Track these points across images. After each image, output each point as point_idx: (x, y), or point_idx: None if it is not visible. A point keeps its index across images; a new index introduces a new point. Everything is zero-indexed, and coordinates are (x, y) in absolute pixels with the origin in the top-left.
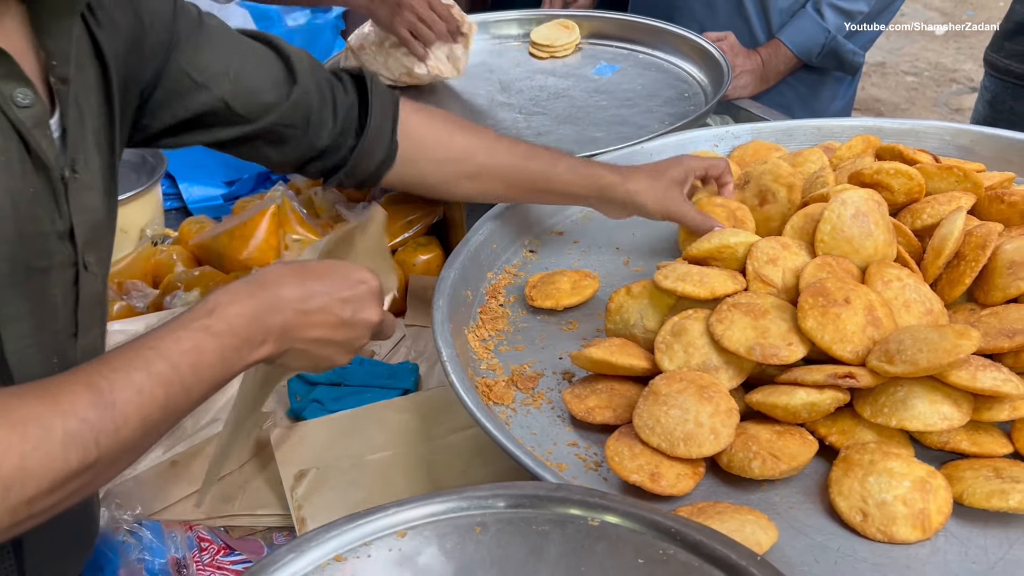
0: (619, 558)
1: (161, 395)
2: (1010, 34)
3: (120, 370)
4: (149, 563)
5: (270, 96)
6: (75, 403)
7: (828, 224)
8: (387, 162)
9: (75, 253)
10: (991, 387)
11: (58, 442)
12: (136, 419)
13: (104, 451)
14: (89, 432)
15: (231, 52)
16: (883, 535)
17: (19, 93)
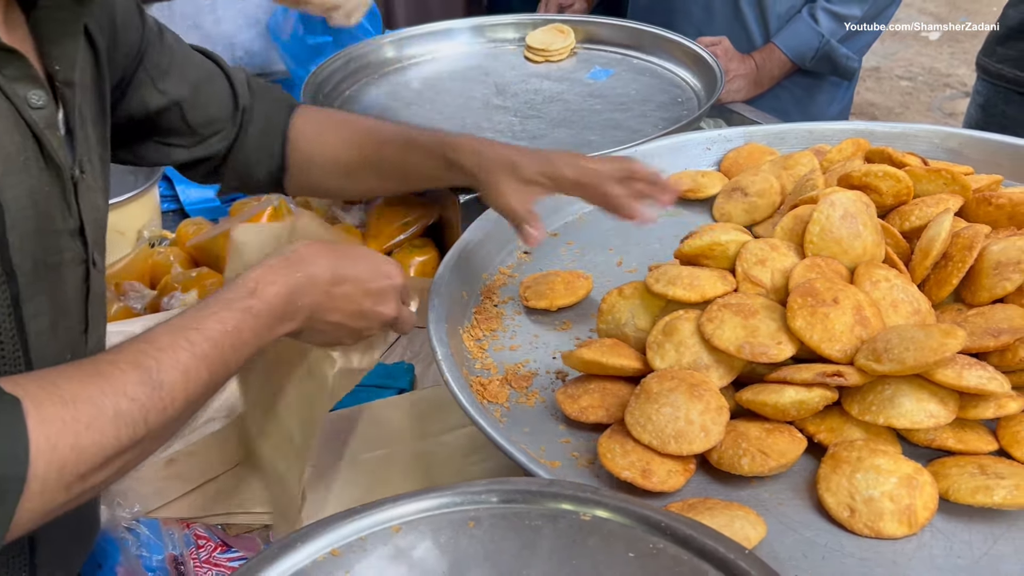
0: (610, 552)
1: (205, 374)
2: (1002, 39)
3: (167, 350)
4: (147, 559)
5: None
6: (125, 383)
7: (817, 225)
8: (277, 174)
9: (85, 251)
10: (976, 385)
11: (110, 420)
12: (182, 398)
13: (152, 428)
14: (139, 411)
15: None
16: (870, 530)
17: (33, 95)
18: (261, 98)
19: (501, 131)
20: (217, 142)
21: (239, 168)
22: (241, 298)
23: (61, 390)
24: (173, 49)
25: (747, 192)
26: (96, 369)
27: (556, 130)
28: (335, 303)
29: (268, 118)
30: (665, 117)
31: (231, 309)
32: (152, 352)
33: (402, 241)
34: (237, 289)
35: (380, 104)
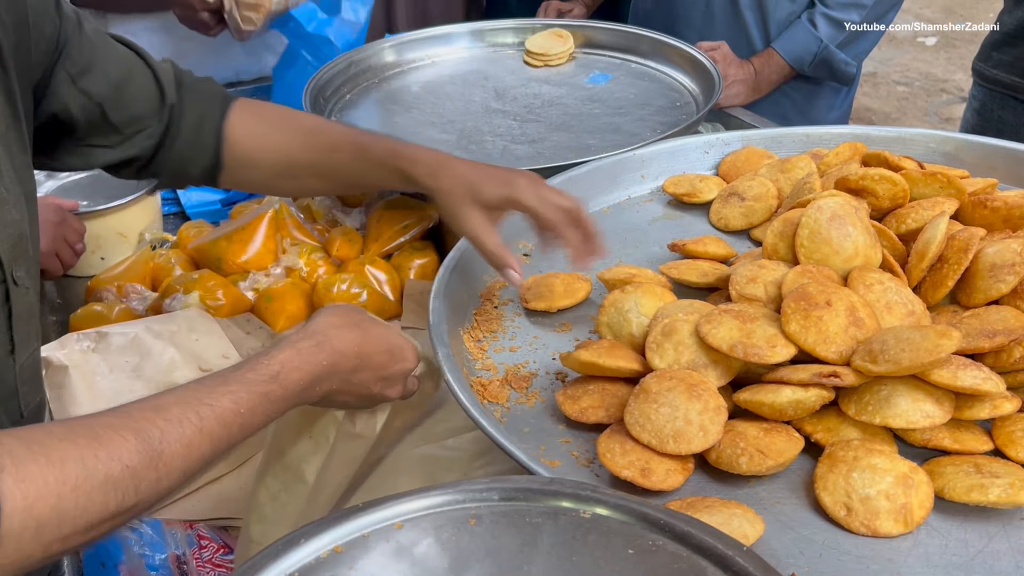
0: (610, 549)
1: (208, 450)
2: (997, 44)
3: (173, 422)
4: (150, 558)
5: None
6: (121, 448)
7: (806, 229)
8: (212, 170)
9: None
10: (972, 386)
11: (98, 485)
12: (179, 470)
13: (143, 497)
14: (131, 479)
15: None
16: (866, 529)
17: None
18: (192, 92)
19: (501, 134)
20: (143, 140)
21: (171, 165)
22: (263, 381)
23: (48, 449)
24: (94, 43)
25: (744, 196)
26: (93, 432)
27: (555, 134)
28: (350, 387)
29: (201, 113)
30: (663, 121)
31: (250, 391)
32: (158, 422)
33: (403, 243)
34: (260, 369)
35: (381, 108)
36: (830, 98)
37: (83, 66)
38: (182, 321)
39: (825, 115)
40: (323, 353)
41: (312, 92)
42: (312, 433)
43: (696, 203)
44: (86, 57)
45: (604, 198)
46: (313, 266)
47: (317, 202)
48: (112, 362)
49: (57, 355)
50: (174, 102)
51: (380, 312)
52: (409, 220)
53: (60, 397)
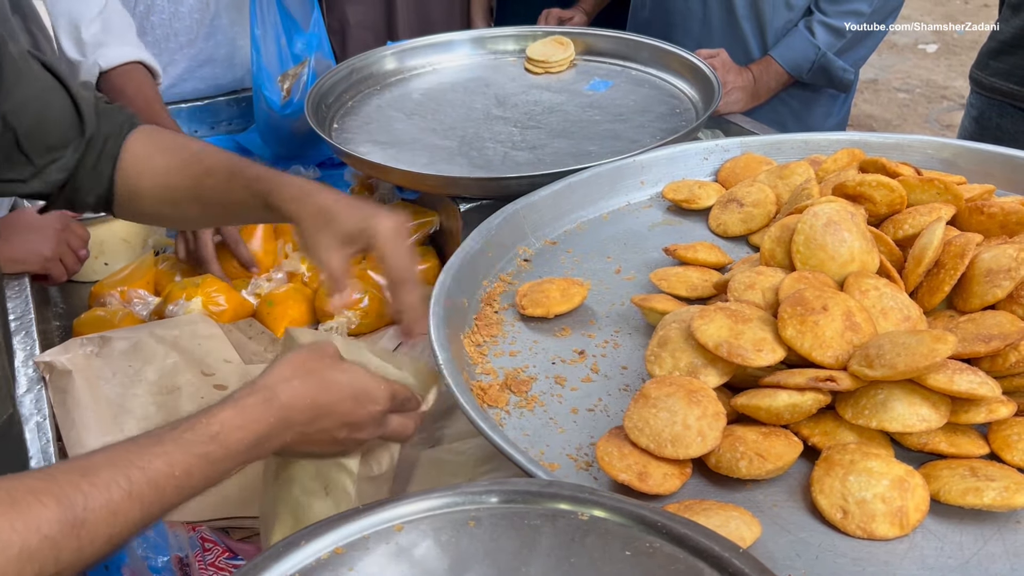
0: (608, 551)
1: (136, 515)
2: (994, 53)
3: (99, 486)
4: (152, 561)
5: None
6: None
7: (802, 235)
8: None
9: None
10: (967, 390)
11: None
12: (103, 538)
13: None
14: (50, 550)
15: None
16: (863, 532)
17: None
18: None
19: (501, 141)
20: (55, 173)
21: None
22: (201, 442)
23: None
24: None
25: (743, 202)
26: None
27: (555, 140)
28: (309, 439)
29: (106, 141)
30: (663, 128)
31: (186, 453)
32: (83, 486)
33: None
34: (198, 429)
35: (382, 115)
36: (828, 105)
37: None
38: (185, 326)
39: (823, 122)
40: (270, 409)
41: (314, 99)
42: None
43: (695, 209)
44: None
45: (604, 204)
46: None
47: None
48: (115, 367)
49: (60, 360)
50: (93, 132)
51: (381, 317)
52: (410, 226)
53: (64, 402)
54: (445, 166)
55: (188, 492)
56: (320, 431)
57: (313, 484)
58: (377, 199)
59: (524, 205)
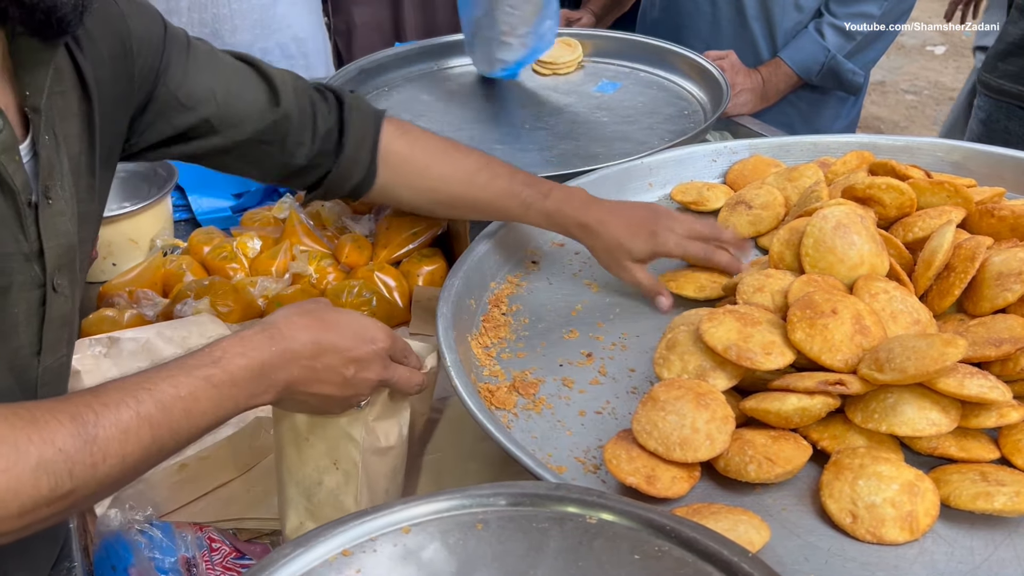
0: (616, 554)
1: (147, 436)
2: (1003, 55)
3: (111, 405)
4: (159, 562)
5: (253, 117)
6: (55, 431)
7: (811, 238)
8: (364, 184)
9: (43, 275)
10: (978, 394)
11: (30, 468)
12: (116, 456)
13: (79, 483)
14: (64, 463)
15: (218, 74)
16: (872, 536)
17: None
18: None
19: (508, 143)
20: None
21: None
22: (203, 365)
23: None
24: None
25: (751, 204)
26: (31, 415)
27: (563, 142)
28: (316, 375)
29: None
30: (671, 130)
31: (189, 375)
32: (96, 406)
33: (411, 250)
34: (201, 356)
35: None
36: (836, 108)
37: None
38: (193, 327)
39: (831, 125)
40: (272, 340)
41: None
42: (338, 463)
43: (703, 211)
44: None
45: None
46: (322, 273)
47: (327, 208)
48: (123, 367)
49: None
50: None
51: (389, 319)
52: (418, 227)
53: None
54: None
55: (197, 420)
56: (326, 367)
57: (324, 461)
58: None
59: None
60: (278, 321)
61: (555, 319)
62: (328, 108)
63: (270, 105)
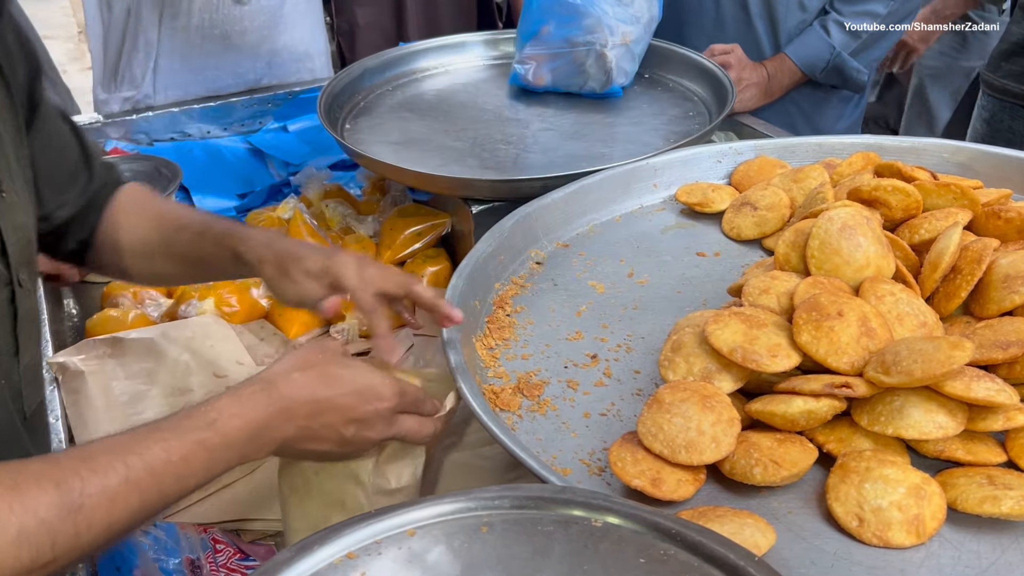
0: (621, 557)
1: (135, 502)
2: (1006, 55)
3: (98, 471)
4: (164, 563)
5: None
6: (38, 500)
7: (816, 239)
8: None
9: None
10: (985, 397)
11: (11, 539)
12: (101, 525)
13: (60, 552)
14: (47, 534)
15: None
16: (879, 540)
17: None
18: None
19: (513, 143)
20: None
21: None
22: (197, 428)
23: None
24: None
25: (756, 206)
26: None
27: (568, 143)
28: (314, 434)
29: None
30: (676, 130)
31: (182, 439)
32: (83, 472)
33: (415, 251)
34: (196, 417)
35: (394, 115)
36: (839, 108)
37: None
38: (197, 327)
39: (834, 124)
40: (268, 399)
41: (326, 100)
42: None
43: (708, 212)
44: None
45: (616, 207)
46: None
47: (331, 210)
48: (128, 368)
49: (73, 361)
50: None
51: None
52: (422, 228)
53: (76, 403)
54: (457, 167)
55: (188, 481)
56: (324, 426)
57: (330, 499)
58: (389, 200)
59: (536, 207)
60: (276, 379)
61: (560, 321)
62: None
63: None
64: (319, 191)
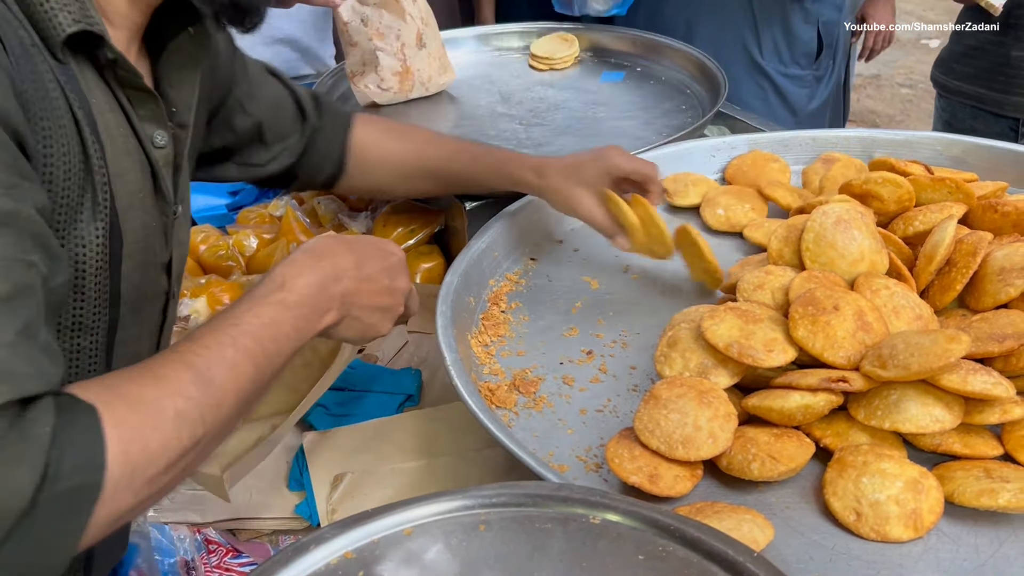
0: (620, 554)
1: (251, 368)
2: (958, 56)
3: (212, 347)
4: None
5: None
6: (180, 383)
7: (811, 232)
8: (335, 176)
9: (168, 283)
10: (981, 390)
11: (172, 421)
12: (233, 393)
13: (209, 427)
14: (196, 410)
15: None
16: (876, 534)
17: (158, 135)
18: (328, 112)
19: (507, 139)
20: (286, 158)
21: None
22: (271, 292)
23: (126, 392)
24: (252, 75)
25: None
26: (152, 372)
27: (561, 137)
28: (364, 285)
29: (333, 129)
30: (670, 124)
31: (264, 304)
32: (199, 351)
33: (409, 248)
34: (266, 285)
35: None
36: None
37: (250, 93)
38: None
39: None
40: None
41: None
42: None
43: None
44: (247, 85)
45: None
46: None
47: (323, 207)
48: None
49: None
50: (314, 123)
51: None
52: (415, 224)
53: None
54: None
55: (283, 344)
56: (370, 278)
57: None
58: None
59: (530, 203)
60: (315, 247)
61: (555, 317)
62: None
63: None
64: None
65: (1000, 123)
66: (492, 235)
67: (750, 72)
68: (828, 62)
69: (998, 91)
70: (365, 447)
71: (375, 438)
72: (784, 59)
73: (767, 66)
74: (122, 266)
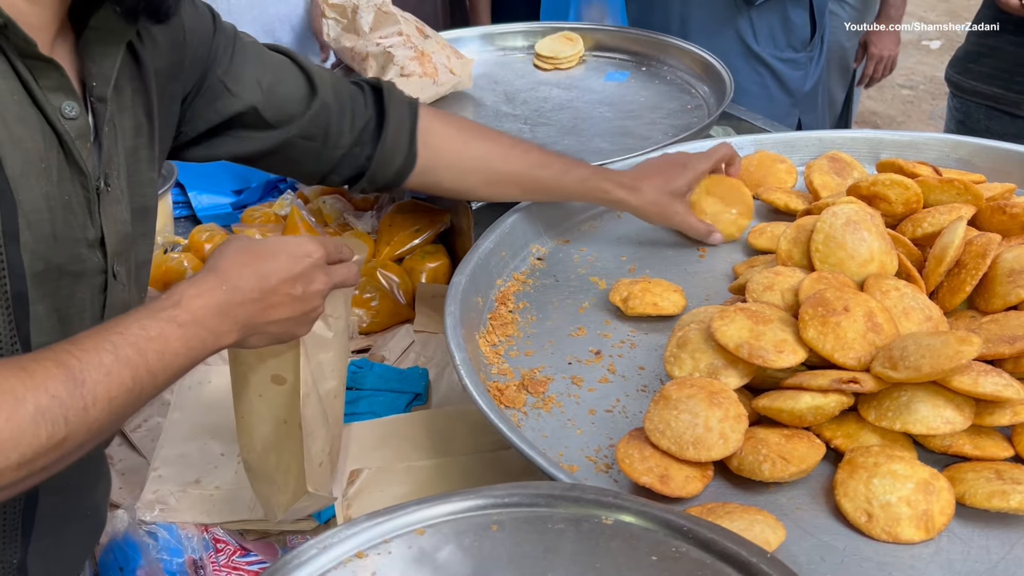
0: (633, 555)
1: (128, 378)
2: (973, 56)
3: (90, 351)
4: (167, 562)
5: (295, 107)
6: (47, 379)
7: (821, 233)
8: (405, 169)
9: (104, 262)
10: (992, 392)
11: (29, 416)
12: (104, 399)
13: (72, 429)
14: (59, 409)
15: (262, 65)
16: (887, 535)
17: (67, 105)
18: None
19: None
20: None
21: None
22: (165, 308)
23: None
24: (247, 54)
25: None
26: (20, 364)
27: (566, 137)
28: (269, 303)
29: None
30: (675, 124)
31: (155, 318)
32: (76, 352)
33: (414, 247)
34: (162, 300)
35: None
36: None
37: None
38: None
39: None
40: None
41: None
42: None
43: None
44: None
45: None
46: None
47: (328, 206)
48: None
49: None
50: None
51: (392, 316)
52: (420, 224)
53: None
54: None
55: (170, 359)
56: (275, 293)
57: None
58: (387, 196)
59: (534, 203)
60: (222, 265)
61: (563, 317)
62: (366, 99)
63: (309, 95)
64: (316, 187)
65: (1017, 124)
66: (499, 235)
67: (746, 59)
68: (818, 41)
69: (1016, 92)
70: (382, 443)
71: (393, 434)
72: (779, 44)
73: (762, 52)
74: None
